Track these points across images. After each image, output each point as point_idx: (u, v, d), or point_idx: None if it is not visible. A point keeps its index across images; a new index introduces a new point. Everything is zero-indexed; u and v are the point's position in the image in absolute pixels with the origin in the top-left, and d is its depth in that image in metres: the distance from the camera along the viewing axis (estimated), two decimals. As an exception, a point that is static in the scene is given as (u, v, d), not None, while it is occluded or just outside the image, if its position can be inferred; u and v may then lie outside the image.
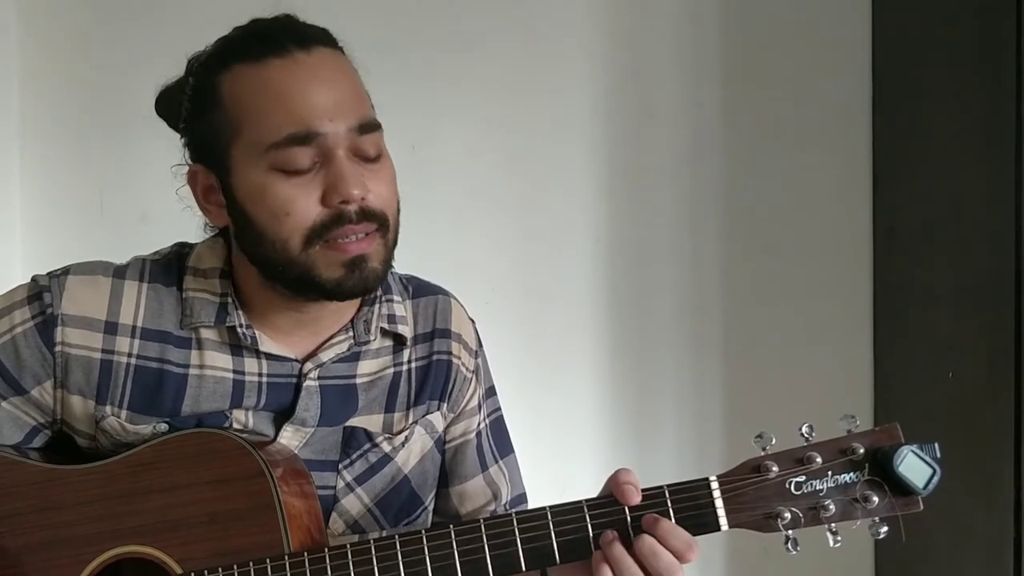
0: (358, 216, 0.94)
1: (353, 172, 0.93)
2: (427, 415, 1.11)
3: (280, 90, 0.92)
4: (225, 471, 0.95)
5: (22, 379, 1.00)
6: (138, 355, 1.01)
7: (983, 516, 1.60)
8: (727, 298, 2.05)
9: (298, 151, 0.92)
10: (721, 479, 0.90)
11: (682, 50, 2.04)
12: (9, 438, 1.02)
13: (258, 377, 1.03)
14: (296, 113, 0.92)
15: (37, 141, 1.98)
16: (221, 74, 0.96)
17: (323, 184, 0.93)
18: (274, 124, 0.92)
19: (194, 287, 1.03)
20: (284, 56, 0.93)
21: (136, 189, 1.98)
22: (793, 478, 0.89)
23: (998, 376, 1.57)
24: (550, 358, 2.03)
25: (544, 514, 0.91)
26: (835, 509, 0.88)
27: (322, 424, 1.05)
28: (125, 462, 0.98)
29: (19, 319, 1.00)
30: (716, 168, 2.04)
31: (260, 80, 0.93)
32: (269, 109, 0.92)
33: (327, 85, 0.93)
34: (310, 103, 0.92)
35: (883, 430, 0.90)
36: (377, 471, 1.07)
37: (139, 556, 0.95)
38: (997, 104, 1.58)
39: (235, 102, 0.94)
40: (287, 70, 0.93)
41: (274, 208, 0.93)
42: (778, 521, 0.88)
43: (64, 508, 0.97)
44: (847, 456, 0.89)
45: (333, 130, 0.92)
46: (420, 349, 1.11)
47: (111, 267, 1.05)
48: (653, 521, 0.89)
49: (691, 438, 2.05)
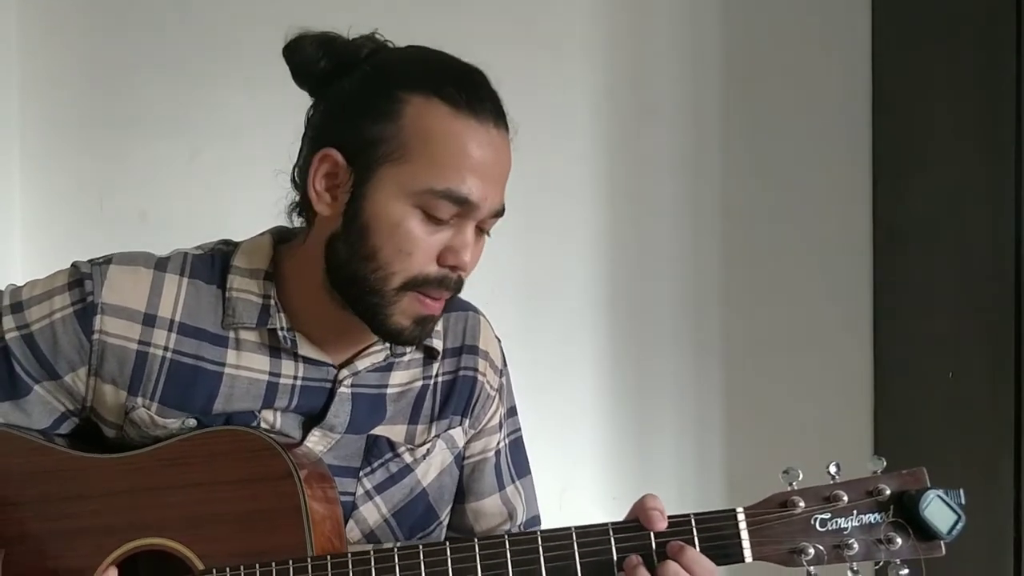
0: (453, 284, 0.99)
1: (475, 247, 0.99)
2: (449, 430, 1.12)
3: (463, 150, 0.95)
4: (253, 471, 0.95)
5: (57, 364, 1.00)
6: (174, 349, 1.01)
7: (983, 516, 1.60)
8: (727, 298, 2.05)
9: (449, 205, 0.95)
10: (748, 511, 0.91)
11: (682, 50, 2.04)
12: (38, 422, 1.02)
13: (292, 380, 1.04)
14: (466, 177, 0.95)
15: (37, 141, 1.98)
16: (412, 94, 0.95)
17: (448, 242, 0.97)
18: (443, 174, 0.94)
19: (238, 287, 1.03)
20: (482, 122, 0.96)
21: (136, 189, 1.98)
22: (819, 515, 0.91)
23: (998, 376, 1.57)
24: (550, 358, 2.03)
25: (569, 534, 0.91)
26: (858, 548, 0.89)
27: (349, 431, 1.05)
28: (153, 455, 0.98)
29: (59, 304, 1.01)
30: (716, 168, 2.04)
31: (451, 129, 0.95)
32: (446, 159, 0.94)
33: (497, 168, 0.99)
34: (480, 176, 0.96)
35: (910, 473, 0.92)
36: (397, 481, 1.08)
37: (161, 549, 0.96)
38: (997, 104, 1.58)
39: (416, 132, 0.95)
40: (478, 137, 0.96)
41: (400, 242, 0.95)
42: (802, 556, 0.89)
43: (90, 497, 0.98)
44: (873, 497, 0.90)
45: (482, 206, 0.97)
46: (448, 364, 1.12)
47: (153, 259, 1.05)
48: (679, 549, 0.89)
49: (691, 438, 2.05)
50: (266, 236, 1.08)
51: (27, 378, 1.01)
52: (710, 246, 2.05)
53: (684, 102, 2.04)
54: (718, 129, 2.04)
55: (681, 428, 2.05)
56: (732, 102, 2.04)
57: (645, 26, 2.04)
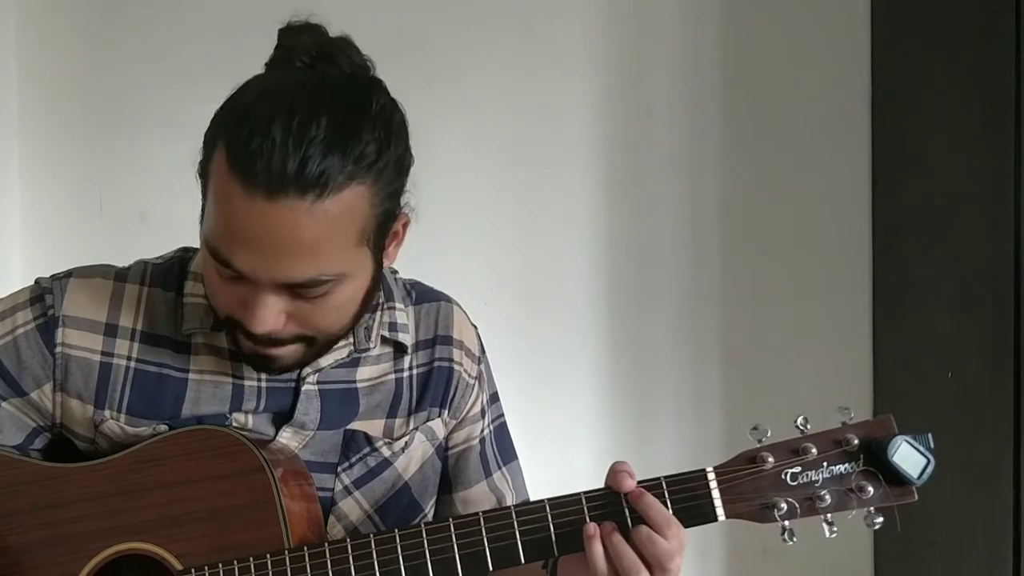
0: (264, 340, 0.92)
1: (266, 311, 0.89)
2: (428, 422, 1.10)
3: (228, 218, 0.86)
4: (225, 467, 0.95)
5: (22, 381, 1.00)
6: (137, 359, 1.01)
7: (983, 516, 1.60)
8: (727, 298, 2.05)
9: (220, 266, 0.89)
10: (718, 470, 0.91)
11: (682, 50, 2.05)
12: (10, 438, 1.02)
13: (257, 381, 1.03)
14: (231, 244, 0.87)
15: (37, 141, 1.98)
16: (220, 139, 0.88)
17: (243, 295, 0.90)
18: (213, 233, 0.88)
19: (193, 292, 1.03)
20: (249, 191, 0.83)
21: (135, 189, 1.98)
22: (789, 469, 0.90)
23: (998, 376, 1.57)
24: (550, 358, 2.03)
25: (542, 506, 0.91)
26: (831, 499, 0.89)
27: (322, 427, 1.05)
28: (126, 459, 0.98)
29: (21, 320, 1.01)
30: (716, 168, 2.04)
31: (223, 190, 0.86)
32: (216, 220, 0.88)
33: (267, 247, 0.86)
34: (245, 246, 0.86)
35: (877, 421, 0.91)
36: (376, 475, 1.07)
37: (140, 553, 0.96)
38: (997, 104, 1.58)
39: (211, 181, 0.89)
40: (242, 206, 0.84)
41: (208, 281, 0.94)
42: (774, 511, 0.89)
43: (65, 505, 0.97)
44: (842, 447, 0.90)
45: (253, 276, 0.88)
46: (421, 356, 1.11)
47: (112, 270, 1.05)
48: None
49: (691, 438, 2.05)
50: None
51: None
52: (710, 246, 2.05)
53: (684, 102, 2.04)
54: (718, 129, 2.04)
55: (681, 428, 2.05)
56: (731, 102, 2.04)
57: (645, 26, 2.04)
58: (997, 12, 1.57)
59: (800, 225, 2.03)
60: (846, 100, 2.02)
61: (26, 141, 1.97)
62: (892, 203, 1.97)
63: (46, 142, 1.98)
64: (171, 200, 2.00)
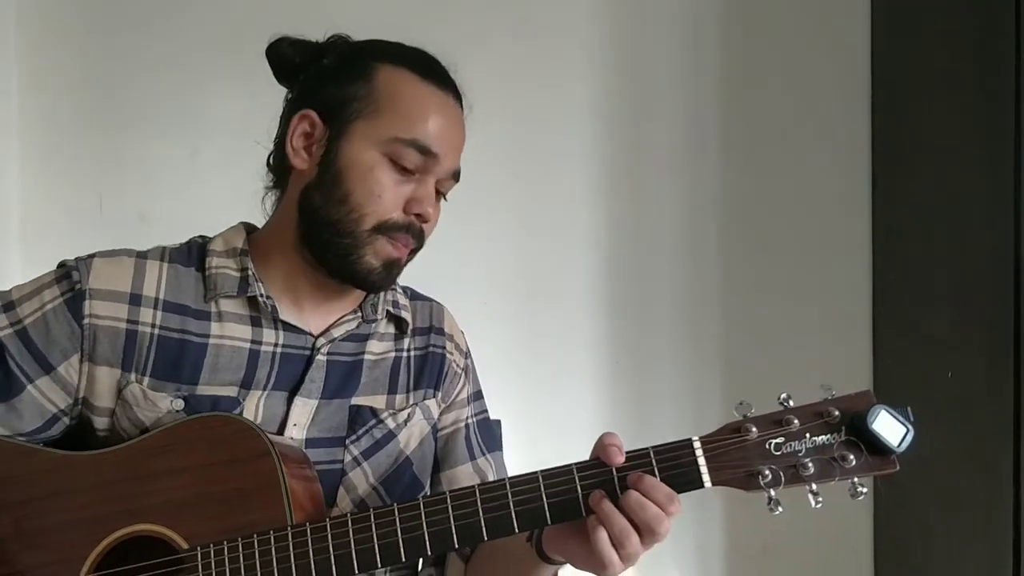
0: (415, 233, 1.09)
1: (434, 199, 1.10)
2: (425, 400, 1.18)
3: (428, 110, 1.08)
4: (233, 452, 0.99)
5: (50, 355, 1.04)
6: (161, 325, 1.07)
7: (983, 516, 1.60)
8: (727, 298, 2.05)
9: (415, 154, 1.06)
10: (703, 439, 0.94)
11: (682, 50, 2.05)
12: (30, 423, 1.05)
13: (273, 347, 1.09)
14: (431, 132, 1.07)
15: (37, 141, 1.98)
16: (384, 63, 1.09)
17: (412, 193, 1.08)
18: (411, 127, 1.06)
19: (216, 264, 1.11)
20: (443, 91, 1.10)
21: (135, 189, 1.99)
22: (772, 439, 0.93)
23: (997, 375, 1.57)
24: (549, 357, 2.03)
25: (535, 478, 0.95)
26: (814, 468, 0.91)
27: (324, 397, 1.11)
28: (137, 447, 1.02)
29: (49, 297, 1.06)
30: (716, 168, 2.04)
31: (418, 92, 1.08)
32: (415, 115, 1.07)
33: (456, 133, 1.11)
34: (442, 134, 1.08)
35: (857, 395, 0.94)
36: (382, 447, 1.13)
37: (148, 534, 0.98)
38: (997, 104, 1.58)
39: (388, 92, 1.07)
40: (440, 102, 1.09)
41: (371, 186, 1.06)
42: (759, 479, 0.91)
43: (77, 492, 1.00)
44: (823, 419, 0.93)
45: (444, 162, 1.09)
46: (418, 340, 1.20)
47: (133, 251, 1.12)
48: (638, 478, 0.93)
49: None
50: (238, 225, 1.17)
51: (21, 376, 1.04)
52: (710, 245, 2.05)
53: (684, 102, 2.04)
54: (718, 129, 2.04)
55: (681, 427, 2.04)
56: (731, 102, 2.04)
57: (645, 26, 2.05)
58: (997, 12, 1.58)
59: (800, 225, 2.04)
60: (846, 100, 2.03)
61: (26, 141, 1.98)
62: (892, 203, 1.97)
63: (46, 142, 1.99)
64: (171, 200, 2.02)
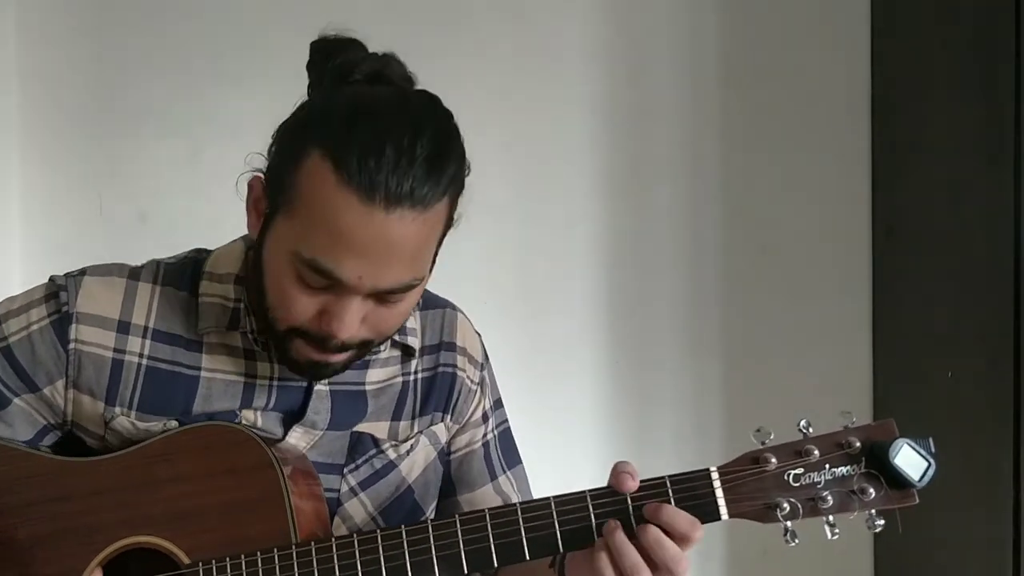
0: (333, 347, 0.95)
1: (353, 317, 0.93)
2: (431, 426, 1.12)
3: (339, 229, 0.88)
4: (235, 462, 0.96)
5: (36, 376, 1.01)
6: (149, 356, 1.02)
7: (982, 516, 1.60)
8: (726, 298, 2.05)
9: (315, 276, 0.91)
10: (721, 470, 0.92)
11: (681, 50, 2.04)
12: (21, 434, 1.03)
13: (269, 380, 1.04)
14: (338, 254, 0.89)
15: (36, 141, 1.98)
16: (315, 147, 0.89)
17: (324, 306, 0.93)
18: (313, 244, 0.90)
19: (209, 292, 1.04)
20: (367, 203, 0.87)
21: (135, 189, 1.98)
22: (792, 470, 0.91)
23: (997, 375, 1.57)
24: (549, 357, 2.03)
25: (548, 503, 0.92)
26: (833, 501, 0.90)
27: (331, 428, 1.06)
28: (138, 454, 0.99)
29: (36, 316, 1.02)
30: (715, 168, 2.04)
31: (332, 201, 0.88)
32: (319, 231, 0.89)
33: (379, 256, 0.90)
34: (356, 255, 0.89)
35: (879, 425, 0.92)
36: (382, 477, 1.08)
37: (148, 546, 0.96)
38: (997, 104, 1.58)
39: (305, 190, 0.90)
40: (357, 217, 0.88)
41: (278, 293, 0.94)
42: (777, 512, 0.90)
43: (76, 498, 0.98)
44: (844, 450, 0.91)
45: (356, 285, 0.91)
46: (427, 360, 1.13)
47: (126, 268, 1.06)
48: (655, 508, 0.90)
49: (691, 437, 2.05)
50: (238, 242, 1.08)
51: (7, 391, 1.02)
52: (709, 246, 2.05)
53: (683, 102, 2.04)
54: (718, 129, 2.04)
55: (681, 429, 2.05)
56: (731, 101, 2.04)
57: (645, 26, 2.04)
58: (997, 12, 1.57)
59: (800, 225, 2.03)
60: (846, 100, 2.02)
61: (26, 141, 1.97)
62: (892, 203, 1.97)
63: (46, 142, 1.98)
64: (171, 200, 2.01)
